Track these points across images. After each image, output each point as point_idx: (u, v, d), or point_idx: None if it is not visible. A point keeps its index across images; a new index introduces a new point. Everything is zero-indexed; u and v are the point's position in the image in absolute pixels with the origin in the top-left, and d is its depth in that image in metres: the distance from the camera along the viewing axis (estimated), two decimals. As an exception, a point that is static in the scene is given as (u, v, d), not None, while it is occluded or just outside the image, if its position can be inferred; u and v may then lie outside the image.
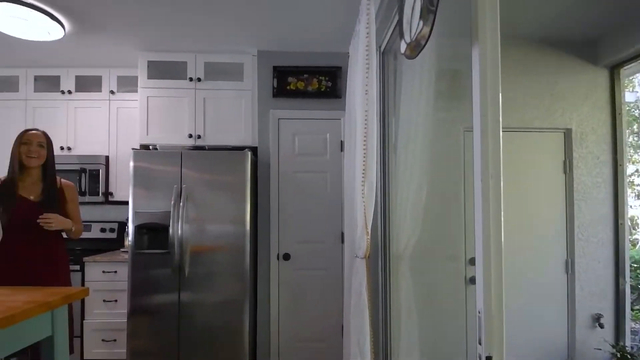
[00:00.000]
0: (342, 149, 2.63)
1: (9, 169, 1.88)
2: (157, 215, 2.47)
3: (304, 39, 2.55)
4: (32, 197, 1.89)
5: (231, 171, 2.48)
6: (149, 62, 2.78)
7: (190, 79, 2.74)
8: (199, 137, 2.74)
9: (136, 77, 2.86)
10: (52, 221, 1.86)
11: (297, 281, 2.66)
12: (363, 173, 1.87)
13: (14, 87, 3.18)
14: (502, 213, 0.90)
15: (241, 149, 2.59)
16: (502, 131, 0.89)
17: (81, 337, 2.65)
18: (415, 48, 1.37)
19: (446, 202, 1.89)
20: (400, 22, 1.46)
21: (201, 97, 2.75)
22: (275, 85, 2.65)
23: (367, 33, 1.63)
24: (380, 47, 1.91)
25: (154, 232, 2.48)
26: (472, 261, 1.73)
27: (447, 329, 1.87)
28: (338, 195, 2.64)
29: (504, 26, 0.88)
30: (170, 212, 2.43)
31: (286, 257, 2.64)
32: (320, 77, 2.65)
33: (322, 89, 2.65)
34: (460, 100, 1.74)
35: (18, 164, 1.87)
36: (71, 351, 1.99)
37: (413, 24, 1.28)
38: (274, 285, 2.64)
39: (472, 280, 1.46)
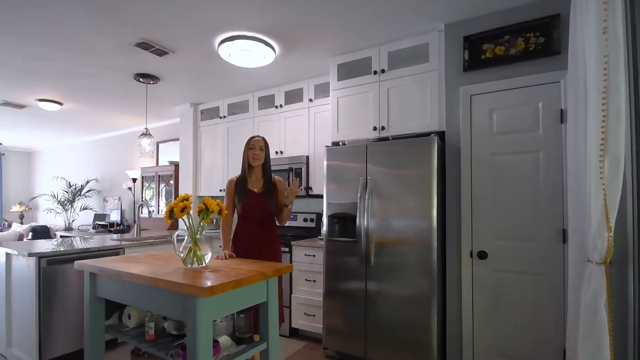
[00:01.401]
0: (562, 120, 2.04)
1: (242, 169, 2.38)
2: (346, 205, 2.61)
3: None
4: (256, 190, 2.33)
5: (416, 159, 2.35)
6: (338, 65, 3.02)
7: (375, 72, 2.79)
8: (383, 128, 2.74)
9: (329, 83, 3.16)
10: (298, 191, 2.26)
11: (497, 285, 2.22)
12: (602, 145, 1.37)
13: (245, 108, 4.13)
14: None
15: (427, 135, 2.41)
16: None
17: (290, 308, 3.11)
18: None
19: None
20: None
21: (385, 88, 2.75)
22: (466, 57, 2.33)
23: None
24: (626, -37, 1.36)
25: (343, 221, 2.63)
26: None
27: None
28: (557, 180, 2.05)
29: None
30: (357, 203, 2.52)
31: (482, 255, 2.25)
32: (528, 35, 2.14)
33: (531, 48, 2.14)
34: None
35: (247, 165, 2.36)
36: (282, 320, 2.32)
37: None
38: (467, 286, 2.30)
39: None
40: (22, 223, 7.17)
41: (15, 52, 2.97)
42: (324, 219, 2.72)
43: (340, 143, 2.96)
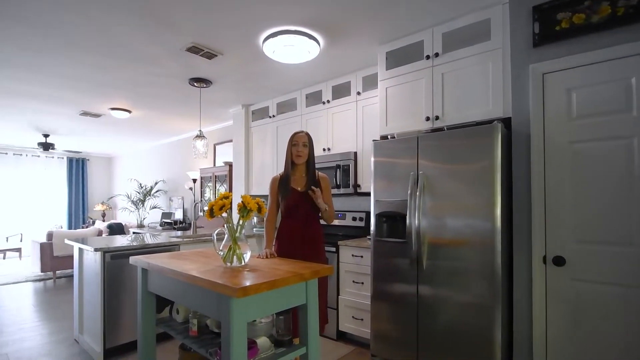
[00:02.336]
0: (665, 96, 1.64)
1: (285, 167, 2.32)
2: (395, 203, 2.41)
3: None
4: (299, 188, 2.25)
5: (475, 150, 2.08)
6: (387, 53, 2.82)
7: (427, 57, 2.55)
8: (437, 118, 2.49)
9: (377, 74, 2.98)
10: (318, 195, 2.15)
11: (578, 297, 1.86)
12: None
13: (293, 107, 4.10)
14: None
15: (489, 123, 2.12)
16: None
17: (337, 310, 2.98)
18: None
19: None
20: None
21: (439, 74, 2.49)
22: (536, 30, 2.00)
23: None
24: None
25: (392, 221, 2.44)
26: None
27: None
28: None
29: None
30: (407, 200, 2.31)
31: (558, 261, 1.91)
32: (615, -5, 1.77)
33: (619, 13, 1.76)
34: None
35: (290, 162, 2.28)
36: (325, 321, 2.20)
37: None
38: (539, 296, 1.97)
39: None
40: (103, 220, 8.03)
41: (85, 65, 3.25)
42: (371, 218, 2.55)
43: (389, 136, 2.76)
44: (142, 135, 6.68)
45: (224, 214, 1.75)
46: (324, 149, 3.62)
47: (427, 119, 2.54)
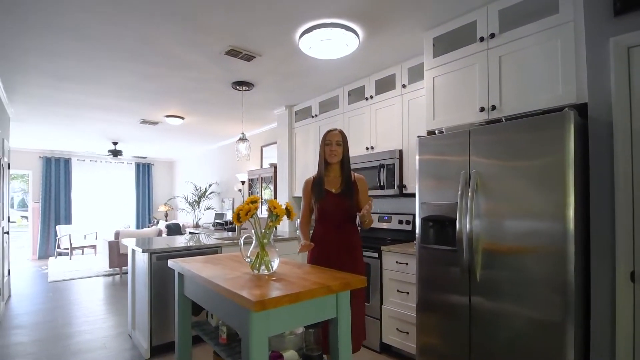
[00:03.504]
0: None
1: (318, 167, 2.19)
2: (443, 206, 2.15)
3: None
4: (333, 190, 2.11)
5: (542, 143, 1.76)
6: (434, 39, 2.55)
7: (481, 39, 2.24)
8: (493, 108, 2.17)
9: (423, 64, 2.72)
10: (368, 215, 1.97)
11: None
12: None
13: (335, 105, 3.95)
14: None
15: (558, 111, 1.78)
16: None
17: (380, 320, 2.77)
18: None
19: None
20: None
21: (495, 57, 2.17)
22: (616, -6, 1.63)
23: None
24: None
25: (440, 225, 2.18)
26: None
27: None
28: None
29: None
30: (457, 203, 2.04)
31: (658, 281, 1.52)
32: None
33: None
34: None
35: (324, 162, 2.15)
36: (363, 337, 2.02)
37: None
38: (625, 319, 1.58)
39: None
40: (166, 221, 8.61)
41: (139, 75, 3.43)
42: (416, 222, 2.31)
43: (436, 131, 2.49)
44: (196, 140, 7.02)
45: (251, 219, 1.66)
46: (367, 148, 3.43)
47: (482, 109, 2.23)
